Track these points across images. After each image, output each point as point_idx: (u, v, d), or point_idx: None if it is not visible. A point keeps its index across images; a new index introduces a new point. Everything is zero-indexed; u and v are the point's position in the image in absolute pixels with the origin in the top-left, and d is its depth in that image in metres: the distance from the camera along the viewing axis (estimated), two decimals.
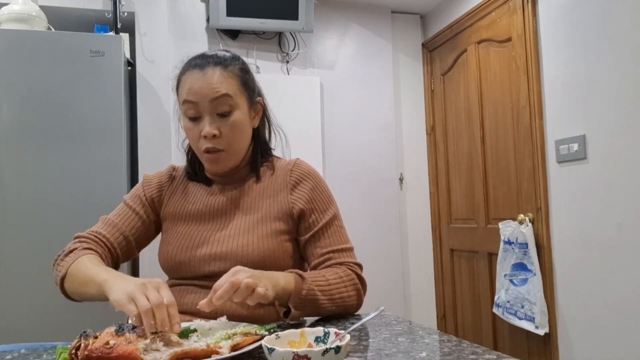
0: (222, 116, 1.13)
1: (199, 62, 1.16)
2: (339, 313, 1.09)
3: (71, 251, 1.11)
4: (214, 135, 1.12)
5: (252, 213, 1.17)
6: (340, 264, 1.15)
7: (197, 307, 0.87)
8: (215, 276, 1.09)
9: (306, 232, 1.18)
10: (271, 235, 1.14)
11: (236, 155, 1.19)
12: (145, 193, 1.25)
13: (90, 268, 1.02)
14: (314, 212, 1.18)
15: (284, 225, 1.16)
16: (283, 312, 1.02)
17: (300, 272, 1.04)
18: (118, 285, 0.87)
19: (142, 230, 1.22)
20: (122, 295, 0.84)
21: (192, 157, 1.27)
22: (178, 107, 1.21)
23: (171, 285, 1.18)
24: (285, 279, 1.00)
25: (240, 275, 0.89)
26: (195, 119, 1.14)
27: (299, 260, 1.21)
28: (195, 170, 1.27)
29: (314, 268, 1.16)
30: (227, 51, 1.22)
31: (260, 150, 1.26)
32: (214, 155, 1.15)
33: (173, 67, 1.23)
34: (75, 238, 1.16)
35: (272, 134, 1.31)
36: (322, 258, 1.15)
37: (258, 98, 1.24)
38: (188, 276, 1.15)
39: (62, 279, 1.07)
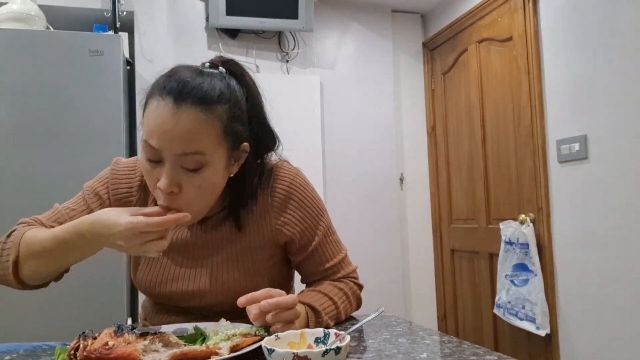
0: (188, 170, 0.89)
1: (176, 89, 0.87)
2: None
3: (12, 232, 0.99)
4: (172, 192, 0.89)
5: (233, 243, 1.04)
6: (342, 278, 1.09)
7: (237, 302, 0.85)
8: (195, 310, 1.05)
9: (300, 254, 1.08)
10: (255, 270, 1.04)
11: (197, 215, 0.96)
12: (110, 197, 1.07)
13: (52, 232, 0.93)
14: (305, 233, 1.06)
15: (268, 253, 1.06)
16: None
17: (313, 304, 0.96)
18: (112, 237, 0.86)
19: None
20: (131, 248, 0.86)
21: None
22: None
23: (155, 303, 1.12)
24: (300, 320, 0.91)
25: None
26: (155, 162, 0.90)
27: (283, 276, 1.13)
28: None
29: (311, 284, 1.11)
30: (221, 67, 0.96)
31: (242, 198, 1.03)
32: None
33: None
34: (17, 225, 1.04)
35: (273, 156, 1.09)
36: (321, 275, 1.09)
37: (244, 144, 0.97)
38: (167, 304, 1.09)
39: (15, 262, 0.93)
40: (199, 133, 0.87)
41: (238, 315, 0.90)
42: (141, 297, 2.43)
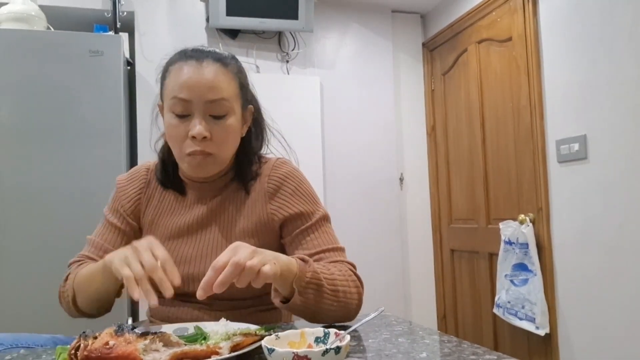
0: (215, 117, 1.03)
1: (195, 54, 1.04)
2: (339, 315, 0.98)
3: (67, 276, 1.10)
4: (204, 137, 1.01)
5: (229, 228, 1.09)
6: (334, 262, 1.05)
7: (197, 296, 0.80)
8: (194, 295, 1.04)
9: (289, 235, 1.09)
10: None
11: (222, 162, 1.09)
12: (123, 206, 1.17)
13: (90, 267, 1.03)
14: (299, 217, 1.08)
15: (263, 240, 1.09)
16: (280, 300, 0.93)
17: (303, 255, 0.95)
18: (115, 255, 0.90)
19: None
20: (117, 261, 0.87)
21: (165, 161, 1.16)
22: (158, 100, 1.11)
23: (157, 296, 1.14)
24: (287, 258, 0.90)
25: (241, 253, 0.80)
26: (183, 116, 1.03)
27: None
28: (168, 176, 1.16)
29: None
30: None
31: (247, 162, 1.14)
32: (200, 158, 1.03)
33: (155, 69, 1.14)
34: (68, 266, 1.14)
35: (267, 141, 1.21)
36: (312, 259, 1.02)
37: (249, 106, 1.14)
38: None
39: (74, 298, 1.05)
40: (222, 81, 1.03)
41: (238, 305, 0.90)
42: (142, 299, 2.43)
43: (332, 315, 0.96)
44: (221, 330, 0.83)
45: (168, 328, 0.91)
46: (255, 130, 1.18)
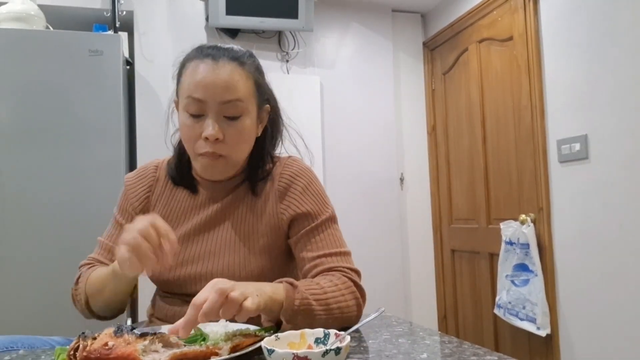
0: (229, 118, 1.02)
1: (212, 52, 1.03)
2: (336, 328, 0.94)
3: (79, 278, 1.10)
4: (217, 139, 1.01)
5: (239, 227, 1.09)
6: (334, 269, 1.02)
7: (173, 335, 0.77)
8: None
9: (295, 235, 1.08)
10: (258, 253, 1.06)
11: (235, 164, 1.08)
12: (132, 204, 1.15)
13: (100, 272, 1.04)
14: (306, 216, 1.08)
15: (272, 240, 1.08)
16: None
17: (291, 280, 0.93)
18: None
19: None
20: (118, 256, 0.86)
21: (179, 158, 1.14)
22: (174, 96, 1.10)
23: (161, 296, 1.14)
24: (273, 288, 0.88)
25: (221, 285, 0.78)
26: (197, 116, 1.02)
27: (291, 272, 1.12)
28: (181, 174, 1.15)
29: (305, 275, 1.07)
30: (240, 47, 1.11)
31: (260, 162, 1.13)
32: (212, 160, 1.03)
33: (172, 65, 1.13)
34: (79, 268, 1.14)
35: (282, 141, 1.20)
36: (313, 263, 1.04)
37: (266, 105, 1.12)
38: (176, 292, 1.10)
39: (87, 302, 1.06)
40: (237, 81, 1.02)
41: None
42: (141, 299, 2.43)
43: (329, 327, 0.94)
44: (221, 331, 0.83)
45: (167, 329, 0.90)
46: (271, 130, 1.16)
